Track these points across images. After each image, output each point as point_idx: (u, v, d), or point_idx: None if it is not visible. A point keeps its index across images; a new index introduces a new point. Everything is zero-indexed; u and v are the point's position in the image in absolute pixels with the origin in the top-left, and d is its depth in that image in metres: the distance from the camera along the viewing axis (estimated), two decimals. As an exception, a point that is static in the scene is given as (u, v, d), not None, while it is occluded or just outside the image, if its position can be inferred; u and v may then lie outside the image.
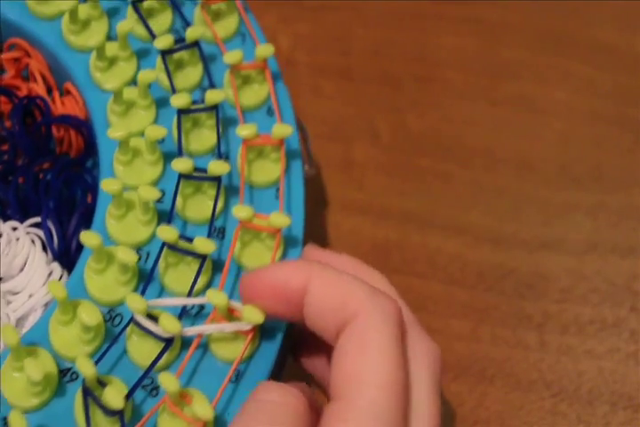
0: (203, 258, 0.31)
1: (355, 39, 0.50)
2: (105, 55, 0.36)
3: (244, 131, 0.34)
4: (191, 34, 0.35)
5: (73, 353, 0.30)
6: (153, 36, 0.36)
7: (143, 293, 0.31)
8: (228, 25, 0.38)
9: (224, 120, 0.36)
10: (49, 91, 0.38)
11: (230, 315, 0.30)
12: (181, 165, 0.33)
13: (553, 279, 0.43)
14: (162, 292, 0.32)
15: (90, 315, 0.29)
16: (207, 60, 0.36)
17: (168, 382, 0.27)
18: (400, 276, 0.43)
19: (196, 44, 0.36)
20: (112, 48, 0.36)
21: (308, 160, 0.38)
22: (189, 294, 0.31)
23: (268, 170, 0.35)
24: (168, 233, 0.31)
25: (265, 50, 0.35)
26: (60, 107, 0.37)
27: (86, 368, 0.27)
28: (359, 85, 0.49)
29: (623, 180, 0.46)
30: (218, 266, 0.33)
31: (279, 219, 0.32)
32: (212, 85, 0.36)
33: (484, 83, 0.49)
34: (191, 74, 0.36)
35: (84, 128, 0.37)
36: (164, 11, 0.37)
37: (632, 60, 0.50)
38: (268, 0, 0.50)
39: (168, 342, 0.29)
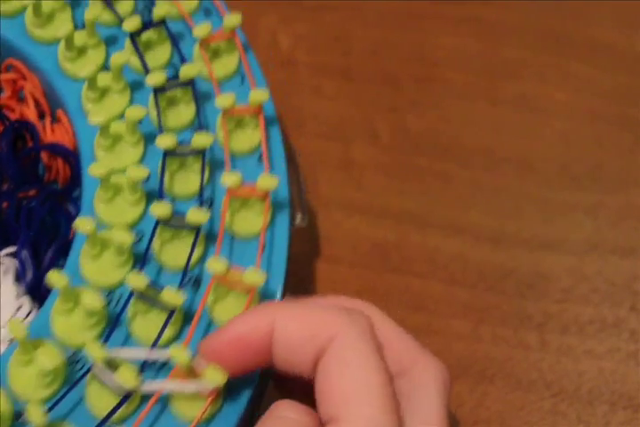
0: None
1: (354, 39, 0.50)
2: (97, 86, 0.35)
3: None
4: (186, 72, 0.35)
5: (29, 396, 0.30)
6: (147, 71, 0.35)
7: (107, 339, 0.30)
8: (227, 64, 0.37)
9: (212, 163, 0.35)
10: (42, 115, 0.38)
11: (193, 372, 0.29)
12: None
13: (553, 279, 0.43)
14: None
15: (49, 358, 0.29)
16: (200, 100, 0.36)
17: None
18: (400, 276, 0.43)
19: (190, 82, 0.35)
20: (105, 79, 0.35)
21: (301, 208, 0.37)
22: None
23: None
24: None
25: (259, 95, 0.34)
26: (50, 134, 0.37)
27: (35, 416, 0.27)
28: (359, 85, 0.49)
29: (623, 180, 0.46)
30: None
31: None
32: (201, 127, 0.35)
33: (484, 83, 0.49)
34: (183, 113, 0.36)
35: (71, 158, 0.36)
36: (163, 44, 0.37)
37: (632, 60, 0.50)
38: (268, 0, 0.50)
39: (126, 395, 0.28)
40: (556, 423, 0.40)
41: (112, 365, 0.29)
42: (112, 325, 0.30)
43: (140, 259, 0.32)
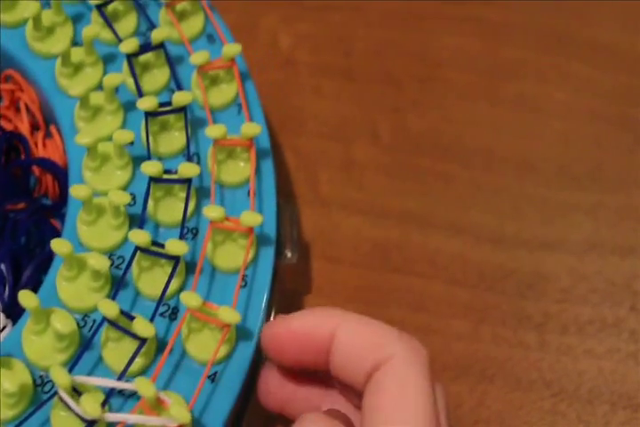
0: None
1: (356, 39, 0.50)
2: (89, 105, 0.35)
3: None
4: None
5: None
6: (140, 94, 0.35)
7: (76, 363, 0.30)
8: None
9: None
10: (37, 128, 0.37)
11: (159, 406, 0.28)
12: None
13: (553, 279, 0.43)
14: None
15: (12, 381, 0.29)
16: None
17: None
18: (400, 276, 0.43)
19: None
20: (98, 98, 0.35)
21: (291, 245, 0.36)
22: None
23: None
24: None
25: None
26: (42, 148, 0.37)
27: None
28: (360, 85, 0.49)
29: (623, 180, 0.46)
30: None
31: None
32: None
33: (485, 83, 0.49)
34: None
35: (60, 175, 0.36)
36: (162, 68, 0.37)
37: (632, 60, 0.50)
38: (269, 0, 0.50)
39: (90, 423, 0.28)
40: (555, 423, 0.40)
41: (78, 390, 0.28)
42: (82, 349, 0.30)
43: (118, 284, 0.31)
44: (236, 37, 0.38)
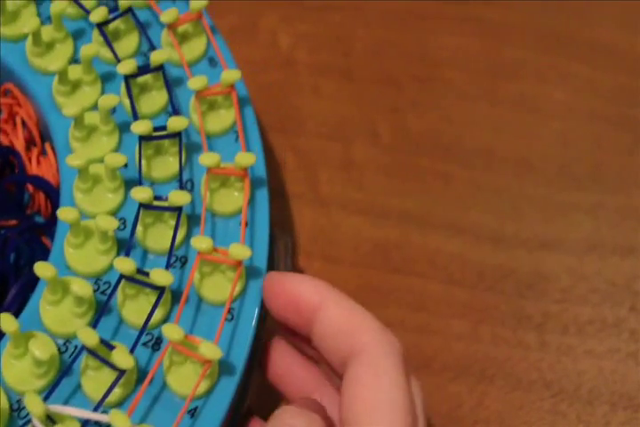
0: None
1: (355, 39, 0.50)
2: (84, 124, 0.34)
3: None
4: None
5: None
6: (135, 118, 0.35)
7: (54, 389, 0.29)
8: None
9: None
10: (34, 144, 0.37)
11: None
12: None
13: (553, 279, 0.43)
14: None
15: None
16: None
17: None
18: (400, 276, 0.43)
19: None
20: (93, 118, 0.35)
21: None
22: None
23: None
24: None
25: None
26: (36, 166, 0.36)
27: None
28: (359, 85, 0.49)
29: (623, 180, 0.46)
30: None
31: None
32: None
33: (485, 83, 0.49)
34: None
35: (52, 193, 0.35)
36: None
37: (632, 60, 0.50)
38: (270, 0, 0.50)
39: None
40: (555, 423, 0.40)
41: (53, 419, 0.28)
42: (61, 375, 0.30)
43: (101, 310, 0.31)
44: (236, 37, 0.38)
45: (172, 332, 0.29)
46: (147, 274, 0.30)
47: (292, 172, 0.46)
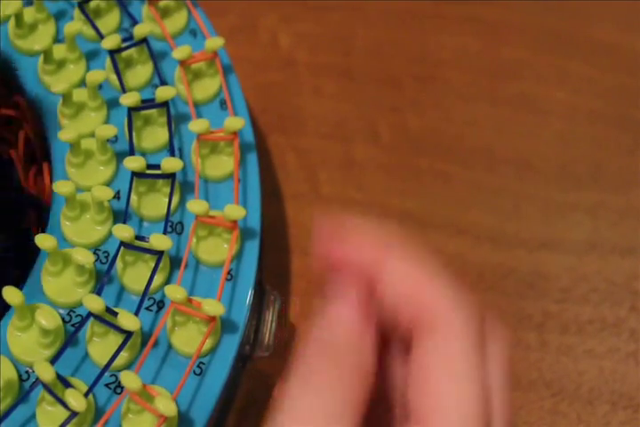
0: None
1: (356, 39, 0.50)
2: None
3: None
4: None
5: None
6: (132, 148, 0.35)
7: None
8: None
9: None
10: (33, 160, 0.37)
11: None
12: (133, 163, 0.32)
13: (553, 279, 0.43)
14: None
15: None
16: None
17: None
18: (400, 275, 0.43)
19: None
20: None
21: (267, 344, 0.34)
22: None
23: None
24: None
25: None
26: (32, 184, 0.37)
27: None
28: (359, 85, 0.49)
29: (623, 180, 0.46)
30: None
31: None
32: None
33: (485, 83, 0.49)
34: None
35: (43, 213, 0.35)
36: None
37: (632, 60, 0.50)
38: (270, 0, 0.50)
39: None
40: (555, 423, 0.40)
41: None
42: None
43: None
44: (236, 37, 0.39)
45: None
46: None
47: (292, 172, 0.46)
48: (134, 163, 0.32)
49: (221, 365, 0.31)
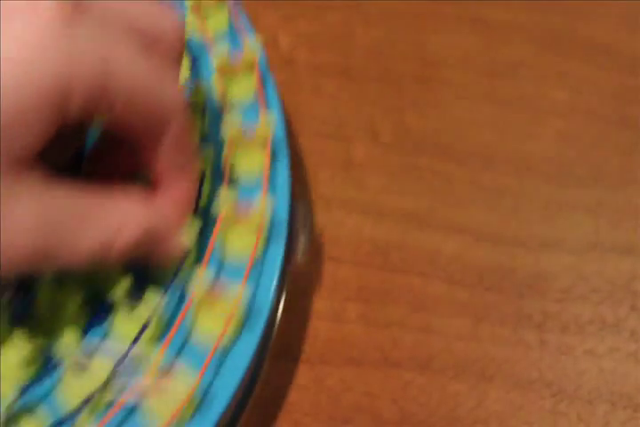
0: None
1: (356, 38, 0.50)
2: None
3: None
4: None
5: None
6: None
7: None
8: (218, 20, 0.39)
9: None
10: None
11: (167, 374, 0.29)
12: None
13: (553, 279, 0.43)
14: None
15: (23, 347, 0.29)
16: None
17: None
18: (400, 275, 0.43)
19: None
20: None
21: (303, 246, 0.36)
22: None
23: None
24: None
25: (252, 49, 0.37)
26: None
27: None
28: (359, 85, 0.49)
29: (623, 179, 0.46)
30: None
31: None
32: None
33: (485, 82, 0.49)
34: None
35: None
36: None
37: (632, 60, 0.50)
38: (270, 0, 0.50)
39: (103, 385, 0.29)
40: (555, 423, 0.40)
41: (87, 357, 0.29)
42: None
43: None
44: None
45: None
46: None
47: (292, 172, 0.46)
48: None
49: (246, 346, 0.31)
